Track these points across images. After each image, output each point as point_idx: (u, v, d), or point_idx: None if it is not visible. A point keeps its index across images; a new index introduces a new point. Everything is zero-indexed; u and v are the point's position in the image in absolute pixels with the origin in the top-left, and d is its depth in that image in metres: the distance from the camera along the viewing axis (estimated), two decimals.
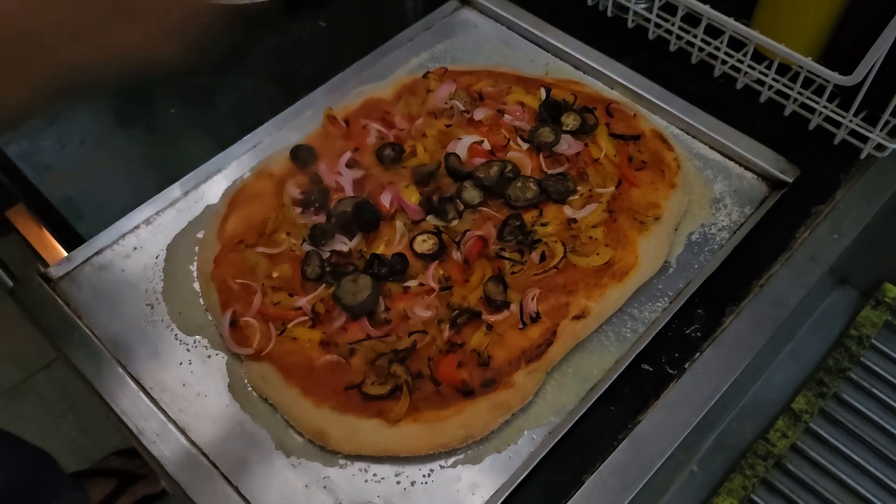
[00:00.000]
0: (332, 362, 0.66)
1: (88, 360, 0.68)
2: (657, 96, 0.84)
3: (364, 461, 0.63)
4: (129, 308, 0.72)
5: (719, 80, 0.87)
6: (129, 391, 0.66)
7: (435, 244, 0.72)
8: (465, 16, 0.95)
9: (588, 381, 0.67)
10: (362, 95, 0.85)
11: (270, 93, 0.89)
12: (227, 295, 0.70)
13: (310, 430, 0.64)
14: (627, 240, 0.72)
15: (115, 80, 0.50)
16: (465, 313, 0.68)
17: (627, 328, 0.70)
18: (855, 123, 0.78)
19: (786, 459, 0.85)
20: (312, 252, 0.72)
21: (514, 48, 0.91)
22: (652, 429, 0.64)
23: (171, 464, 0.62)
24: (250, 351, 0.67)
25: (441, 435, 0.63)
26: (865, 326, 0.94)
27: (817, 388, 0.90)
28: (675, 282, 0.72)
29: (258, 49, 0.93)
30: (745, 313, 0.70)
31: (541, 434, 0.64)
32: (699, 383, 0.67)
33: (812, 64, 0.76)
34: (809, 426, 0.87)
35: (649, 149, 0.79)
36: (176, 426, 0.64)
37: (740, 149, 0.80)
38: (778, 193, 0.77)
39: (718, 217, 0.77)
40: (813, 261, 0.74)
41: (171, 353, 0.69)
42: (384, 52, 0.90)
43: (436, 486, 0.62)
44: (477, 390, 0.64)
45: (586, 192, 0.76)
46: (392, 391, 0.64)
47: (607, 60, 0.87)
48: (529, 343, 0.67)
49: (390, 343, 0.67)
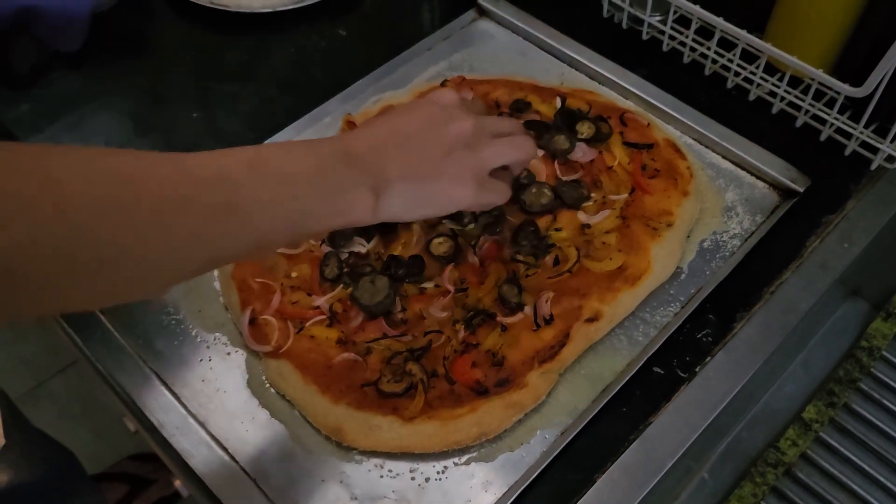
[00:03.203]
0: (349, 360, 0.67)
1: (110, 355, 0.70)
2: (671, 106, 0.86)
3: (379, 457, 0.64)
4: (151, 305, 0.73)
5: (732, 91, 0.89)
6: (151, 386, 0.68)
7: (451, 247, 0.74)
8: (482, 26, 0.97)
9: (600, 382, 0.68)
10: (381, 102, 0.86)
11: (289, 99, 0.91)
12: (246, 293, 0.71)
13: (326, 426, 0.65)
14: (640, 245, 0.74)
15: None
16: (479, 314, 0.69)
17: (639, 332, 0.71)
18: (866, 135, 0.80)
19: (796, 468, 0.85)
20: (331, 253, 0.73)
21: (530, 58, 0.93)
22: (663, 430, 0.65)
23: (190, 457, 0.64)
24: (269, 348, 0.69)
25: (455, 433, 0.64)
26: (876, 338, 0.94)
27: (828, 398, 0.90)
28: (686, 287, 0.73)
29: (278, 56, 0.95)
30: (755, 319, 0.71)
31: (553, 434, 0.65)
32: (710, 387, 0.68)
33: (823, 76, 0.77)
34: (820, 435, 0.88)
35: (662, 157, 0.80)
36: (196, 420, 0.66)
37: (752, 158, 0.81)
38: (789, 203, 0.78)
39: (730, 225, 0.78)
40: (823, 269, 0.75)
41: (191, 349, 0.71)
42: (402, 60, 0.92)
43: (450, 483, 0.63)
44: (491, 390, 0.66)
45: (600, 199, 0.78)
46: (407, 389, 0.65)
47: (622, 71, 0.89)
48: (543, 344, 0.68)
49: (406, 342, 0.68)
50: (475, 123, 0.62)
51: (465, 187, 0.61)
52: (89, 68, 0.94)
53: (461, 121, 0.61)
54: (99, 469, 1.46)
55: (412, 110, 0.62)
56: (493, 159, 0.63)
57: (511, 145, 0.65)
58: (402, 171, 0.58)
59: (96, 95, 0.92)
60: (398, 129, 0.60)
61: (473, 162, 0.61)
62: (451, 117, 0.61)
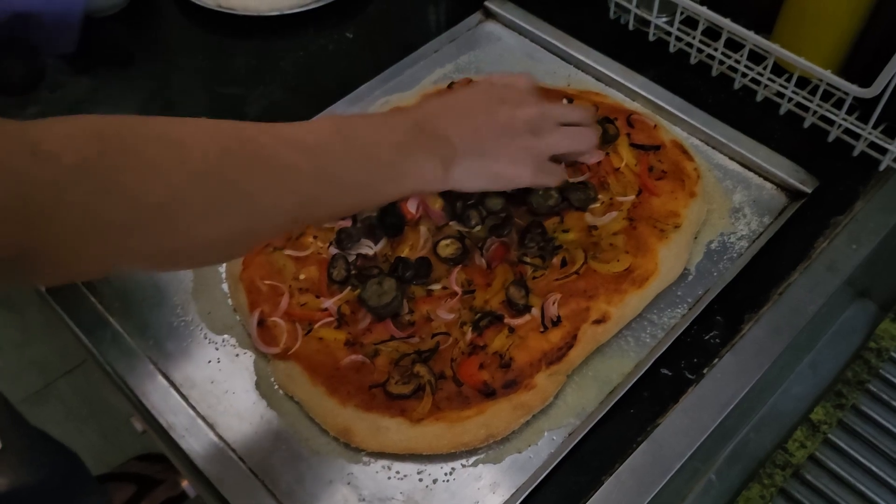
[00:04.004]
0: (357, 362, 0.68)
1: (120, 356, 0.70)
2: (678, 108, 0.86)
3: (387, 459, 0.65)
4: (161, 307, 0.74)
5: (739, 92, 0.89)
6: (160, 387, 0.68)
7: (458, 249, 0.74)
8: (489, 28, 0.97)
9: (608, 384, 0.68)
10: (388, 104, 0.87)
11: (297, 102, 0.91)
12: (255, 296, 0.72)
13: (335, 427, 0.65)
14: (647, 247, 0.74)
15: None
16: (487, 316, 0.69)
17: (647, 333, 0.71)
18: (874, 136, 0.79)
19: (804, 470, 0.85)
20: (339, 255, 0.74)
21: (536, 60, 0.93)
22: (670, 432, 0.65)
23: (199, 458, 0.64)
24: (277, 350, 0.69)
25: (463, 434, 0.64)
26: (885, 339, 0.94)
27: (836, 400, 0.90)
28: (694, 289, 0.73)
29: (286, 59, 0.96)
30: (763, 321, 0.71)
31: (561, 435, 0.65)
32: (718, 388, 0.68)
33: (831, 76, 0.77)
34: (828, 437, 0.87)
35: (669, 159, 0.80)
36: (205, 421, 0.66)
37: (760, 160, 0.81)
38: (797, 204, 0.78)
39: (737, 226, 0.78)
40: (831, 270, 0.75)
41: (200, 351, 0.71)
42: (409, 62, 0.92)
43: (457, 485, 0.63)
44: (498, 391, 0.66)
45: (607, 201, 0.78)
46: (415, 391, 0.65)
47: (628, 72, 0.89)
48: (550, 346, 0.68)
49: (414, 344, 0.69)
50: (543, 110, 0.67)
51: (525, 168, 0.66)
52: (97, 71, 0.95)
53: (530, 106, 0.66)
54: (106, 469, 1.46)
55: (482, 90, 0.67)
56: (554, 147, 0.68)
57: (572, 136, 0.70)
58: (469, 147, 0.63)
59: (104, 99, 0.92)
60: (471, 107, 0.65)
61: (535, 147, 0.66)
62: (521, 101, 0.66)
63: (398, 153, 0.59)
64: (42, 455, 0.94)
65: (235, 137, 0.51)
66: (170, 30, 1.01)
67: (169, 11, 1.02)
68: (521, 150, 0.66)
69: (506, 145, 0.65)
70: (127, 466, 1.48)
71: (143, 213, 0.45)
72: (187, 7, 0.99)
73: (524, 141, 0.65)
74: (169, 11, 1.02)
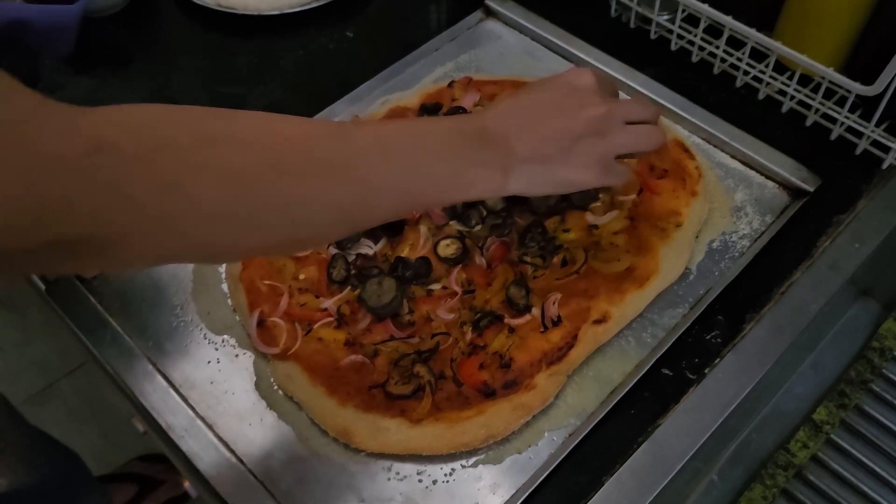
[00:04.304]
0: (357, 362, 0.67)
1: (120, 357, 0.70)
2: (679, 106, 0.85)
3: (387, 459, 0.64)
4: (160, 308, 0.73)
5: (741, 90, 0.88)
6: (159, 387, 0.68)
7: (458, 248, 0.74)
8: (489, 27, 0.97)
9: (608, 384, 0.68)
10: (388, 103, 0.86)
11: (298, 101, 0.91)
12: (254, 296, 0.72)
13: (334, 428, 0.65)
14: (648, 246, 0.73)
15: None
16: (487, 316, 0.69)
17: (648, 333, 0.71)
18: (877, 134, 0.79)
19: (806, 470, 0.85)
20: (338, 255, 0.73)
21: (537, 59, 0.93)
22: (672, 433, 0.65)
23: (198, 458, 0.64)
24: (277, 350, 0.69)
25: (463, 435, 0.64)
26: (887, 339, 0.94)
27: (839, 400, 0.90)
28: (695, 288, 0.73)
29: (286, 58, 0.95)
30: (765, 320, 0.71)
31: (561, 436, 0.65)
32: (719, 389, 0.67)
33: (834, 74, 0.77)
34: (830, 437, 0.87)
35: (671, 158, 0.80)
36: (204, 422, 0.66)
37: (762, 158, 0.81)
38: (799, 202, 0.78)
39: (739, 225, 0.77)
40: (833, 269, 0.74)
41: (199, 351, 0.71)
42: (410, 61, 0.92)
43: (457, 485, 0.63)
44: (498, 391, 0.65)
45: (608, 200, 0.77)
46: (415, 391, 0.65)
47: (630, 71, 0.89)
48: (551, 346, 0.67)
49: (414, 344, 0.68)
50: (608, 110, 0.63)
51: (589, 172, 0.63)
52: (97, 71, 0.95)
53: (594, 107, 0.62)
54: (108, 470, 1.46)
55: (547, 90, 0.64)
56: (620, 147, 0.64)
57: (638, 135, 0.66)
58: (531, 152, 0.60)
59: (105, 98, 0.92)
60: (531, 110, 0.62)
61: (601, 149, 0.63)
62: (585, 102, 0.63)
63: (459, 160, 0.58)
64: (42, 455, 0.94)
65: (295, 138, 0.51)
66: (170, 29, 1.01)
67: (169, 11, 1.02)
68: (587, 154, 0.62)
69: (571, 150, 0.62)
70: (129, 467, 1.48)
71: (186, 218, 0.46)
72: (187, 6, 0.99)
73: (589, 143, 0.62)
74: (169, 11, 1.02)
